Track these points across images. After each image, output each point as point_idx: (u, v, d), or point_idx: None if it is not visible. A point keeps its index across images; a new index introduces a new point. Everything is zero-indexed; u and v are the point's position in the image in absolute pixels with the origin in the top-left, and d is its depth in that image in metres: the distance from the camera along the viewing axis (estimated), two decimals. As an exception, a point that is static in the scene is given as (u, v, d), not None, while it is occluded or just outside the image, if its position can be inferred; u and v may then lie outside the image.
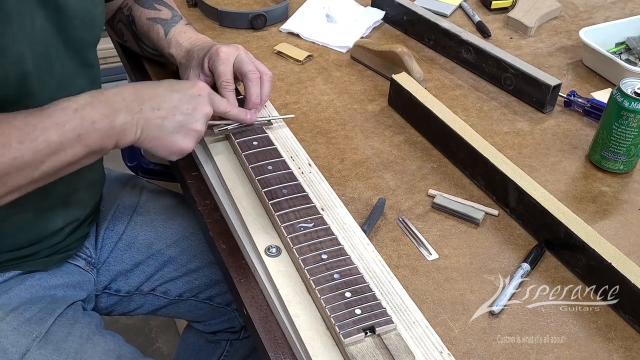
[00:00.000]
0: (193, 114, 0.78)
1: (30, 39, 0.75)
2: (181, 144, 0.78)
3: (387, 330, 0.66)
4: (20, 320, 0.87)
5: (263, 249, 0.76)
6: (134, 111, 0.74)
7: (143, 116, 0.75)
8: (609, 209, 0.92)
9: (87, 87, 0.87)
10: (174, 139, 0.78)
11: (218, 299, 1.11)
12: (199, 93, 0.80)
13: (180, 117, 0.77)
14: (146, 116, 0.75)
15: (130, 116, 0.74)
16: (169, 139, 0.77)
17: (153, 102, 0.76)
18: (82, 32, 0.84)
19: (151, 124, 0.76)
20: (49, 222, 0.89)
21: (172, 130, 0.77)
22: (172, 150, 0.79)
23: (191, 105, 0.79)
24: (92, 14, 0.85)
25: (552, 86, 1.07)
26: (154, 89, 0.78)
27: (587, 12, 1.40)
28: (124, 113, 0.74)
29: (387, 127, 1.05)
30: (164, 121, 0.76)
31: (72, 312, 0.93)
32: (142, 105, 0.75)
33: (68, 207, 0.90)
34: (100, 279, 1.03)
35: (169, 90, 0.79)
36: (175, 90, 0.79)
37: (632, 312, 0.75)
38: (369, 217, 0.86)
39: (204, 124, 0.80)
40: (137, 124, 0.75)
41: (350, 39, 1.24)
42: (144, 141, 0.76)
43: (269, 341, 0.71)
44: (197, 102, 0.79)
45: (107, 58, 2.32)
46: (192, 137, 0.79)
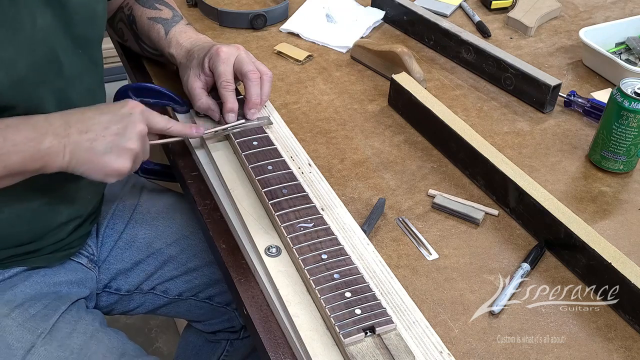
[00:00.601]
0: (124, 133, 0.76)
1: (30, 41, 0.75)
2: (114, 164, 0.76)
3: (387, 330, 0.66)
4: (25, 316, 0.87)
5: (263, 249, 0.76)
6: (61, 135, 0.73)
7: (71, 140, 0.73)
8: (609, 209, 0.92)
9: (94, 85, 0.87)
10: (107, 160, 0.75)
11: (218, 298, 1.11)
12: (130, 112, 0.78)
13: (111, 137, 0.75)
14: (74, 140, 0.74)
15: (56, 140, 0.73)
16: (102, 161, 0.75)
17: (80, 126, 0.75)
18: (85, 28, 0.83)
19: (80, 147, 0.74)
20: (52, 218, 0.89)
21: (103, 151, 0.75)
22: (106, 172, 0.76)
23: (122, 125, 0.76)
24: (94, 10, 0.85)
25: (552, 86, 1.07)
26: (82, 113, 0.77)
27: (587, 12, 1.40)
28: (50, 137, 0.72)
29: (387, 127, 1.05)
30: (93, 143, 0.74)
31: (76, 309, 0.93)
32: (69, 129, 0.74)
33: (71, 203, 0.90)
34: (101, 277, 1.03)
35: (98, 113, 0.77)
36: (104, 112, 0.77)
37: (632, 312, 0.76)
38: (369, 217, 0.86)
39: (137, 141, 0.77)
40: (64, 148, 0.73)
41: (350, 39, 1.24)
42: (75, 166, 0.75)
43: (269, 341, 0.71)
44: (128, 120, 0.77)
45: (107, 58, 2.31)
46: (127, 156, 0.76)
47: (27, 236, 0.88)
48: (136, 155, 0.78)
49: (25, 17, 0.74)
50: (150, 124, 0.80)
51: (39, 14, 0.76)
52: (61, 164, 0.74)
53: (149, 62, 1.13)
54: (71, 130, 0.74)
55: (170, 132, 0.84)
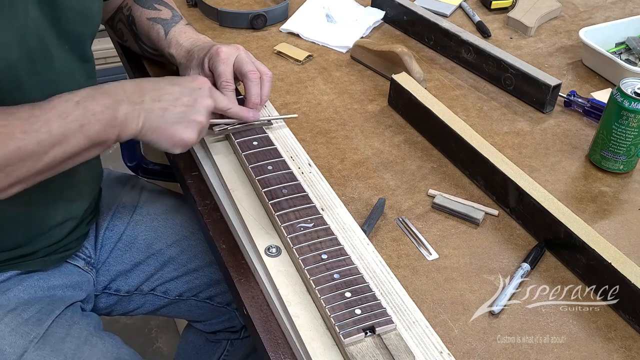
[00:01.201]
0: (194, 105, 0.79)
1: (23, 29, 0.75)
2: (183, 134, 0.78)
3: (387, 330, 0.66)
4: (19, 321, 0.87)
5: (263, 249, 0.76)
6: (135, 102, 0.75)
7: (144, 107, 0.76)
8: (609, 209, 0.92)
9: (84, 81, 0.87)
10: (176, 130, 0.78)
11: (218, 299, 1.11)
12: (200, 86, 0.81)
13: (182, 108, 0.78)
14: (147, 107, 0.76)
15: (131, 107, 0.75)
16: (171, 130, 0.78)
17: (154, 94, 0.77)
18: (77, 25, 0.83)
19: (152, 115, 0.76)
20: (47, 217, 0.89)
21: (173, 121, 0.77)
22: (174, 142, 0.79)
23: (192, 97, 0.79)
24: (88, 8, 0.85)
25: (552, 86, 1.07)
26: (155, 82, 0.79)
27: (587, 12, 1.40)
28: (126, 104, 0.74)
29: (387, 127, 1.05)
30: (165, 112, 0.77)
31: (71, 314, 0.93)
32: (143, 97, 0.76)
33: (66, 202, 0.90)
34: (100, 279, 1.03)
35: (170, 84, 0.80)
36: (175, 84, 0.80)
37: (632, 312, 0.75)
38: (369, 217, 0.86)
39: (205, 115, 0.80)
40: (138, 115, 0.75)
41: (350, 39, 1.24)
42: (146, 133, 0.77)
43: (269, 341, 0.71)
44: (197, 94, 0.80)
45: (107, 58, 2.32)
46: (194, 128, 0.79)
47: (21, 238, 0.88)
48: (202, 129, 0.81)
49: (19, 5, 0.75)
50: (216, 101, 0.83)
51: (30, 5, 0.76)
52: (135, 130, 0.76)
53: (149, 62, 1.13)
54: (145, 97, 0.76)
55: (230, 112, 0.86)
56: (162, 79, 0.81)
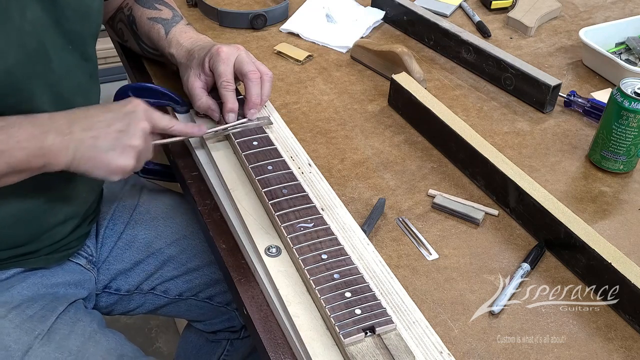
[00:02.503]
0: (128, 130, 0.76)
1: (18, 32, 0.75)
2: (118, 161, 0.76)
3: (387, 330, 0.66)
4: (23, 317, 0.87)
5: (263, 249, 0.76)
6: (64, 133, 0.73)
7: (74, 137, 0.74)
8: (609, 209, 0.92)
9: (85, 81, 0.87)
10: (110, 158, 0.75)
11: (218, 298, 1.11)
12: (134, 110, 0.78)
13: (114, 134, 0.75)
14: (77, 137, 0.74)
15: (59, 137, 0.73)
16: (105, 158, 0.75)
17: (84, 123, 0.75)
18: (77, 24, 0.83)
19: (83, 145, 0.74)
20: (49, 217, 0.89)
21: (107, 148, 0.75)
22: (110, 169, 0.76)
23: (125, 122, 0.77)
24: (88, 6, 0.85)
25: (552, 86, 1.07)
26: (86, 111, 0.77)
27: (587, 12, 1.40)
28: (53, 134, 0.73)
29: (387, 127, 1.05)
30: (96, 141, 0.75)
31: (74, 311, 0.93)
32: (72, 127, 0.74)
33: (67, 202, 0.90)
34: (101, 278, 1.03)
35: (101, 110, 0.77)
36: (107, 110, 0.78)
37: (632, 312, 0.76)
38: (369, 217, 0.86)
39: (140, 138, 0.77)
40: (67, 146, 0.73)
41: (350, 39, 1.24)
42: (79, 164, 0.75)
43: (269, 341, 0.71)
44: (131, 118, 0.77)
45: (107, 58, 2.32)
46: (130, 153, 0.76)
47: (24, 237, 0.88)
48: (140, 153, 0.78)
49: (14, 8, 0.74)
50: (154, 123, 0.80)
51: (29, 6, 0.76)
52: (65, 161, 0.74)
53: (149, 62, 1.13)
54: (74, 127, 0.74)
55: (173, 131, 0.84)
56: (93, 106, 0.79)
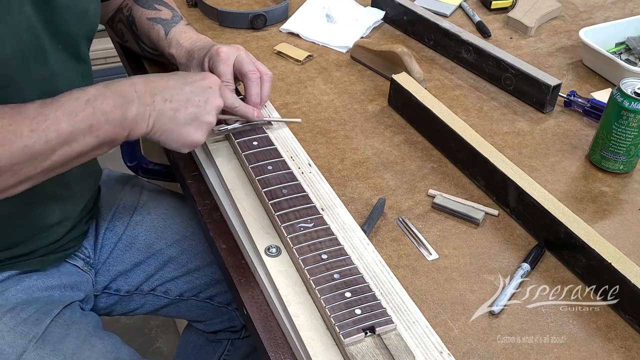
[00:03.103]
0: (205, 106, 0.79)
1: (16, 25, 0.75)
2: (193, 135, 0.78)
3: (387, 330, 0.66)
4: (17, 320, 0.87)
5: (263, 249, 0.76)
6: (146, 103, 0.75)
7: (155, 108, 0.75)
8: (609, 209, 0.92)
9: (76, 81, 0.87)
10: (186, 131, 0.78)
11: (219, 299, 1.11)
12: (210, 85, 0.81)
13: (192, 109, 0.78)
14: (158, 108, 0.75)
15: (142, 108, 0.74)
16: (181, 131, 0.77)
17: (165, 94, 0.76)
18: (73, 25, 0.83)
19: (163, 116, 0.76)
20: (43, 217, 0.88)
21: (184, 122, 0.77)
22: (183, 142, 0.79)
23: (203, 98, 0.79)
24: (85, 8, 0.85)
25: (552, 86, 1.07)
26: (166, 81, 0.78)
27: (587, 12, 1.40)
28: (136, 104, 0.74)
29: (387, 127, 1.05)
30: (176, 113, 0.76)
31: (70, 313, 0.93)
32: (154, 97, 0.75)
33: (61, 201, 0.90)
34: (100, 279, 1.03)
35: (180, 83, 0.79)
36: (187, 83, 0.79)
37: (632, 312, 0.76)
38: (369, 217, 0.86)
39: (215, 116, 0.80)
40: (149, 116, 0.75)
41: (350, 39, 1.24)
42: (156, 133, 0.76)
43: (269, 341, 0.71)
44: (208, 94, 0.79)
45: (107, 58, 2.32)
46: (204, 129, 0.79)
47: (17, 237, 0.87)
48: (211, 128, 0.81)
49: (15, 2, 0.74)
50: (225, 99, 0.83)
51: (25, 3, 0.76)
52: (145, 131, 0.75)
53: (149, 62, 1.13)
54: (156, 97, 0.75)
55: (236, 111, 0.86)
56: (173, 75, 0.80)
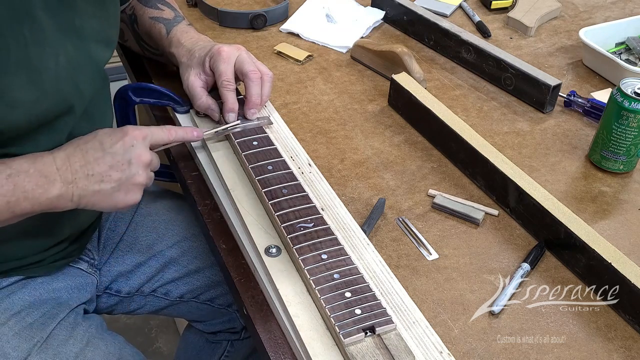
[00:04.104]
0: (130, 169, 0.76)
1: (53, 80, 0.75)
2: (126, 199, 0.77)
3: (387, 330, 0.66)
4: (22, 325, 0.87)
5: (263, 249, 0.76)
6: (68, 181, 0.74)
7: (79, 185, 0.74)
8: (609, 209, 0.92)
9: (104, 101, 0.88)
10: (116, 198, 0.76)
11: (219, 300, 1.11)
12: (132, 143, 0.77)
13: (117, 175, 0.76)
14: (81, 185, 0.74)
15: (65, 187, 0.73)
16: (111, 199, 0.76)
17: (87, 169, 0.75)
18: (100, 52, 0.84)
19: (88, 191, 0.75)
20: (56, 234, 0.89)
21: (111, 190, 0.76)
22: (117, 207, 0.78)
23: (126, 160, 0.76)
24: (107, 35, 0.85)
25: (552, 86, 1.07)
26: (84, 154, 0.75)
27: (587, 12, 1.40)
28: (59, 184, 0.73)
29: (387, 127, 1.05)
30: (100, 185, 0.75)
31: (74, 316, 0.93)
32: (75, 175, 0.74)
33: (75, 219, 0.90)
34: (101, 280, 1.03)
35: (100, 150, 0.76)
36: (106, 150, 0.76)
37: (632, 312, 0.76)
38: (369, 217, 0.86)
39: (144, 173, 0.78)
40: (72, 194, 0.74)
41: (350, 39, 1.24)
42: (86, 205, 0.76)
43: (269, 341, 0.71)
44: (131, 154, 0.76)
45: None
46: (136, 190, 0.78)
47: (30, 250, 0.88)
48: (145, 184, 0.79)
49: (49, 56, 0.74)
50: (154, 143, 0.81)
51: (61, 50, 0.76)
52: (70, 206, 0.75)
53: (149, 62, 1.13)
54: (77, 175, 0.74)
55: (174, 140, 0.85)
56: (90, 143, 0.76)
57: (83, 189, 0.74)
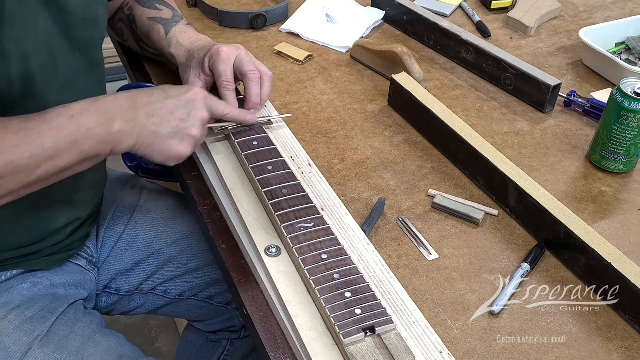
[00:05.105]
0: (188, 119, 0.79)
1: (35, 40, 0.76)
2: (177, 149, 0.78)
3: (387, 330, 0.66)
4: (22, 318, 0.87)
5: (263, 249, 0.76)
6: (129, 118, 0.75)
7: (138, 123, 0.76)
8: (609, 209, 0.92)
9: (91, 87, 0.87)
10: (170, 144, 0.78)
11: (218, 298, 1.11)
12: (195, 98, 0.81)
13: (175, 122, 0.78)
14: (141, 123, 0.76)
15: (125, 124, 0.75)
16: (165, 145, 0.78)
17: (148, 109, 0.77)
18: (86, 31, 0.84)
19: (146, 131, 0.76)
20: (51, 221, 0.89)
21: (167, 136, 0.77)
22: (168, 156, 0.79)
23: (186, 111, 0.79)
24: (95, 12, 0.85)
25: (552, 86, 1.07)
26: (149, 97, 0.78)
27: (587, 12, 1.40)
28: (119, 120, 0.74)
29: (387, 127, 1.05)
30: (158, 127, 0.77)
31: (74, 311, 0.93)
32: (136, 113, 0.76)
33: (70, 207, 0.90)
34: (101, 278, 1.03)
35: (163, 97, 0.79)
36: (170, 97, 0.79)
37: (632, 312, 0.76)
38: (369, 217, 0.86)
39: (200, 128, 0.80)
40: (132, 131, 0.75)
41: (350, 39, 1.24)
42: (141, 147, 0.77)
43: (269, 341, 0.71)
44: (192, 107, 0.80)
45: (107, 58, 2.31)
46: (189, 142, 0.79)
47: (26, 239, 0.88)
48: (197, 141, 0.81)
49: (30, 17, 0.75)
50: (212, 110, 0.83)
51: (40, 16, 0.76)
52: (129, 145, 0.76)
53: (149, 62, 1.13)
54: (138, 113, 0.76)
55: (228, 117, 0.86)
56: (156, 90, 0.81)
57: (142, 126, 0.76)
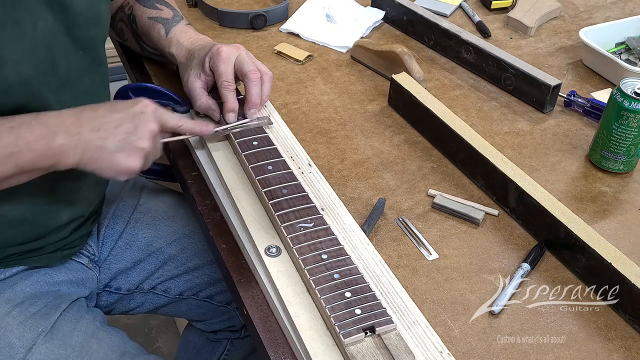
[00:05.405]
0: (136, 132, 0.76)
1: (31, 42, 0.75)
2: (126, 162, 0.76)
3: (387, 330, 0.66)
4: (26, 314, 0.88)
5: (263, 249, 0.76)
6: (72, 133, 0.73)
7: (82, 138, 0.74)
8: (609, 209, 0.92)
9: (95, 85, 0.87)
10: (118, 159, 0.76)
11: (218, 298, 1.11)
12: (142, 110, 0.78)
13: (122, 135, 0.75)
14: (86, 138, 0.74)
15: (68, 138, 0.73)
16: (113, 159, 0.76)
17: (92, 124, 0.75)
18: (89, 29, 0.83)
19: (91, 145, 0.74)
20: (53, 218, 0.89)
21: (114, 149, 0.75)
22: (117, 170, 0.77)
23: (134, 124, 0.76)
24: (97, 11, 0.85)
25: (552, 86, 1.07)
26: (94, 111, 0.77)
27: (587, 12, 1.40)
28: (62, 135, 0.73)
29: (387, 127, 1.05)
30: (104, 141, 0.75)
31: (77, 308, 0.93)
32: (81, 127, 0.74)
33: (72, 204, 0.90)
34: (101, 277, 1.03)
35: (109, 111, 0.77)
36: (116, 110, 0.77)
37: (632, 312, 0.76)
38: (369, 217, 0.87)
39: (148, 140, 0.77)
40: (76, 146, 0.74)
41: (350, 39, 1.24)
42: (87, 163, 0.75)
43: (269, 341, 0.71)
44: (139, 119, 0.77)
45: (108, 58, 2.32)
46: (137, 155, 0.77)
47: (29, 235, 0.88)
48: (147, 154, 0.78)
49: (27, 19, 0.74)
50: (163, 122, 0.81)
51: (41, 17, 0.76)
52: (73, 161, 0.74)
53: (149, 62, 1.13)
54: (83, 128, 0.74)
55: (182, 130, 0.84)
56: (102, 104, 0.79)
57: (87, 141, 0.74)
